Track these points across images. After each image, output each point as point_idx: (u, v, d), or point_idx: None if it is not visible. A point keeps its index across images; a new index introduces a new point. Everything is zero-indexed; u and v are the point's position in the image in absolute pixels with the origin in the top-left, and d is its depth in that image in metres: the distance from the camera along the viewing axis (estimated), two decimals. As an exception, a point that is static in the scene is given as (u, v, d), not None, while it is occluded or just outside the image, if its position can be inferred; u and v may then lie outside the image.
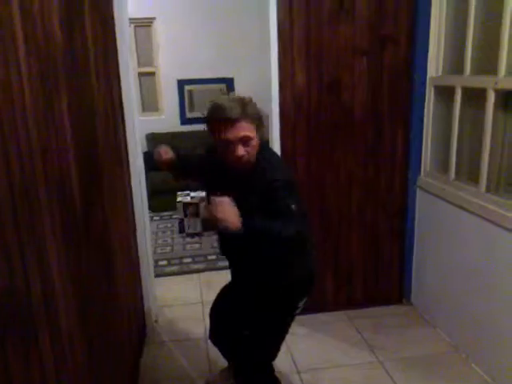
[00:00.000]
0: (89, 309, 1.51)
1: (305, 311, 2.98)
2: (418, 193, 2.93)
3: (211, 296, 2.67)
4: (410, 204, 3.00)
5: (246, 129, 1.60)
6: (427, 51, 2.71)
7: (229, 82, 5.77)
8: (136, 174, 2.73)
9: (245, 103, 1.62)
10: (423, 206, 2.92)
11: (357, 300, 3.11)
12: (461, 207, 2.48)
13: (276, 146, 2.75)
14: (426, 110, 2.81)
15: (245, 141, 1.61)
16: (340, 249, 3.02)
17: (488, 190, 2.32)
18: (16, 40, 1.13)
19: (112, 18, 2.47)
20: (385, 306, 3.10)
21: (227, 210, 1.51)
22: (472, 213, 2.39)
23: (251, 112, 1.62)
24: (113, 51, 2.48)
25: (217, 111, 1.61)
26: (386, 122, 2.87)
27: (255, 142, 1.65)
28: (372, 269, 3.09)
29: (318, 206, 2.89)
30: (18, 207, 0.97)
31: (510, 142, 2.24)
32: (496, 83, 2.18)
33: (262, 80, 2.89)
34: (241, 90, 5.68)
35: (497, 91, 2.21)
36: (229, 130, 1.59)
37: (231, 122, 1.58)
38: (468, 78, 2.43)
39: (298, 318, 2.95)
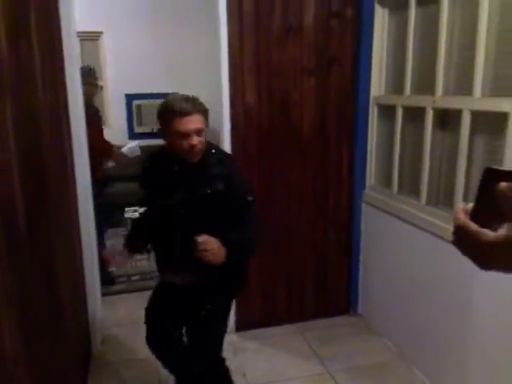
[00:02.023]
0: (32, 331, 1.45)
1: (256, 326, 3.02)
2: (364, 207, 3.04)
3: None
4: (356, 218, 3.10)
5: (199, 121, 1.78)
6: (370, 72, 2.85)
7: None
8: (83, 188, 2.66)
9: (194, 99, 1.81)
10: (369, 219, 3.02)
11: (307, 312, 3.15)
12: (403, 220, 2.60)
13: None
14: (370, 127, 2.94)
15: (198, 131, 1.78)
16: (291, 263, 3.06)
17: (428, 202, 2.45)
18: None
19: (59, 30, 2.42)
20: (334, 318, 3.17)
21: (216, 250, 1.75)
22: (413, 225, 2.51)
23: (201, 107, 1.81)
24: (59, 64, 2.43)
25: (173, 105, 1.77)
26: (333, 139, 2.97)
27: (204, 134, 1.83)
28: (321, 281, 3.15)
29: (268, 221, 2.92)
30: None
31: (447, 157, 2.38)
32: (434, 102, 2.33)
33: (211, 97, 2.90)
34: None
35: (435, 109, 2.35)
36: (185, 122, 1.75)
37: (188, 115, 1.75)
38: (408, 97, 2.57)
39: (248, 332, 2.98)
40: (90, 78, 3.58)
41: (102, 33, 5.54)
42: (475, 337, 2.16)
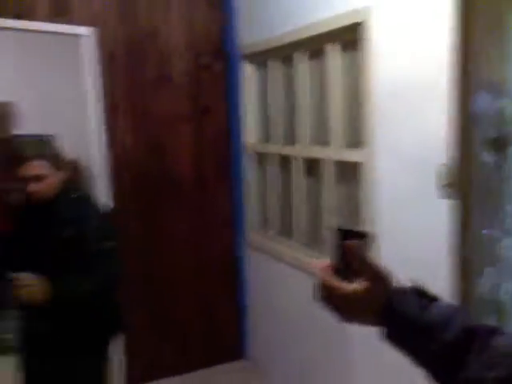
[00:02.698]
0: None
1: (145, 379, 2.87)
2: (247, 250, 3.12)
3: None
4: (240, 261, 3.16)
5: (37, 167, 1.72)
6: (242, 121, 2.99)
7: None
8: None
9: (42, 143, 1.82)
10: (253, 262, 3.10)
11: (197, 361, 3.09)
12: (282, 261, 2.72)
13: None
14: (246, 172, 3.06)
15: (36, 178, 1.73)
16: (174, 312, 3.01)
17: (301, 243, 2.61)
18: None
19: None
20: (225, 364, 3.14)
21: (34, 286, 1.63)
22: (291, 265, 2.63)
23: (48, 151, 1.78)
24: None
25: (11, 151, 1.80)
26: (211, 184, 3.04)
27: (50, 180, 1.76)
28: (209, 329, 3.13)
29: (145, 270, 2.85)
30: None
31: (315, 201, 2.56)
32: (299, 151, 2.53)
33: (84, 139, 2.78)
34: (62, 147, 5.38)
35: (300, 158, 2.55)
36: (22, 168, 1.71)
37: (23, 160, 1.71)
38: (277, 146, 2.76)
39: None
40: None
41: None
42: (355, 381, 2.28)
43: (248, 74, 2.92)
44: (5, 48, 4.96)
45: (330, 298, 0.71)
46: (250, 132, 3.00)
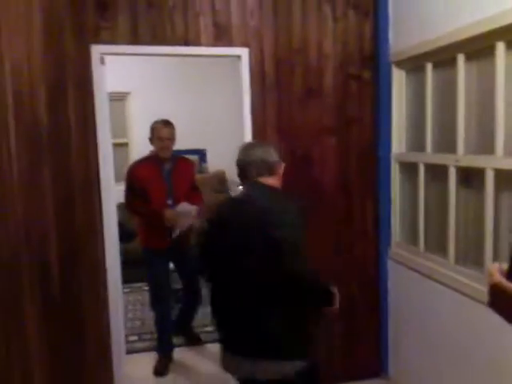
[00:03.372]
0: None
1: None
2: (390, 264, 2.99)
3: (184, 374, 2.51)
4: (382, 275, 3.04)
5: None
6: (391, 130, 2.90)
7: (201, 154, 5.91)
8: (111, 245, 2.70)
9: None
10: (396, 277, 2.96)
11: (335, 376, 3.02)
12: (431, 278, 2.54)
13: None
14: (392, 184, 2.95)
15: None
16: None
17: (457, 262, 2.41)
18: (8, 124, 1.19)
19: (92, 93, 2.57)
20: (363, 380, 3.04)
21: None
22: (442, 284, 2.45)
23: None
24: (91, 124, 2.57)
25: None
26: (356, 195, 2.99)
27: None
28: (349, 342, 3.06)
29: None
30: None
31: (473, 215, 2.36)
32: (457, 161, 2.35)
33: (234, 153, 2.97)
34: (214, 161, 5.83)
35: (457, 168, 2.37)
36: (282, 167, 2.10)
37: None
38: (430, 155, 2.60)
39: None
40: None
41: (128, 93, 5.81)
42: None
43: (398, 81, 2.83)
44: (174, 71, 5.63)
45: (504, 302, 0.66)
46: (398, 141, 2.89)
